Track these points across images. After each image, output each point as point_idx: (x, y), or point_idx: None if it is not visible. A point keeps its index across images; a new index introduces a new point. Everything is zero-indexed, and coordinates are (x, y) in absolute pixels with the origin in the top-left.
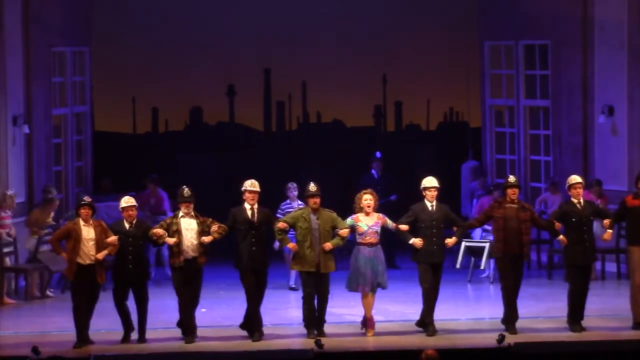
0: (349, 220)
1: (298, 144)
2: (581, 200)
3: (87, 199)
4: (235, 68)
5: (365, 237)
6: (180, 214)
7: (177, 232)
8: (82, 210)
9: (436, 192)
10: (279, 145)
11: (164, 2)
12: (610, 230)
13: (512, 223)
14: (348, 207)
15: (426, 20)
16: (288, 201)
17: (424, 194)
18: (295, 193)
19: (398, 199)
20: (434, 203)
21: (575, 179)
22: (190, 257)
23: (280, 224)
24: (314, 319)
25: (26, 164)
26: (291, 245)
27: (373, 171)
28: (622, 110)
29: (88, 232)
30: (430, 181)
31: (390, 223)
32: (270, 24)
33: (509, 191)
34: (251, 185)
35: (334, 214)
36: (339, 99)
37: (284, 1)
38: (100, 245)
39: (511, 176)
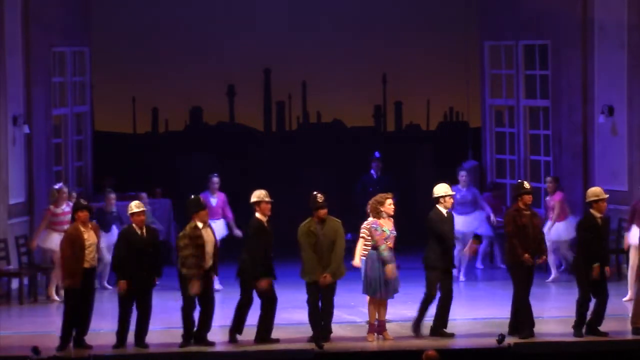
0: (377, 227)
1: (298, 144)
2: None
3: (83, 201)
4: (235, 68)
5: (388, 241)
6: (200, 224)
7: (202, 246)
8: (81, 214)
9: (452, 200)
10: (279, 145)
11: (164, 2)
12: None
13: (529, 231)
14: (347, 207)
15: (426, 20)
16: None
17: (441, 200)
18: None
19: (396, 200)
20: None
21: (597, 194)
22: (206, 269)
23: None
24: (319, 322)
25: (26, 164)
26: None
27: (372, 171)
28: (622, 110)
29: (89, 236)
30: (446, 189)
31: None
32: (270, 24)
33: (526, 197)
34: (267, 195)
35: (338, 224)
36: (339, 99)
37: (284, 1)
38: (98, 247)
39: (525, 182)
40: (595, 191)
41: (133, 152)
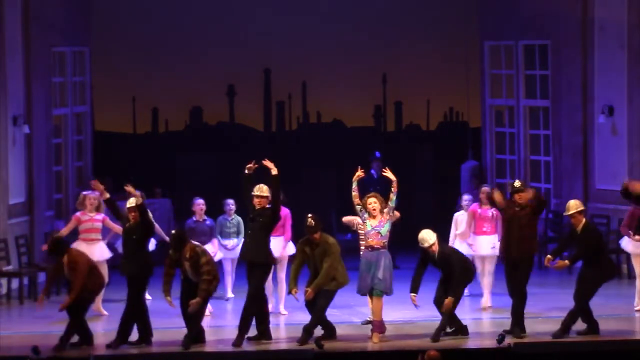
0: (363, 219)
1: (298, 144)
2: (579, 228)
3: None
4: (235, 68)
5: (367, 238)
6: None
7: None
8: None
9: (435, 247)
10: (279, 145)
11: (164, 2)
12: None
13: (514, 226)
14: (347, 207)
15: (426, 20)
16: None
17: (427, 251)
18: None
19: (397, 206)
20: (436, 254)
21: (574, 206)
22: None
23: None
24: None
25: (26, 164)
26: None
27: (372, 171)
28: (622, 110)
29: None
30: (426, 240)
31: (392, 208)
32: (270, 23)
33: (516, 197)
34: (258, 189)
35: (329, 245)
36: (339, 99)
37: (284, 1)
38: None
39: (517, 181)
40: (567, 205)
41: (133, 152)
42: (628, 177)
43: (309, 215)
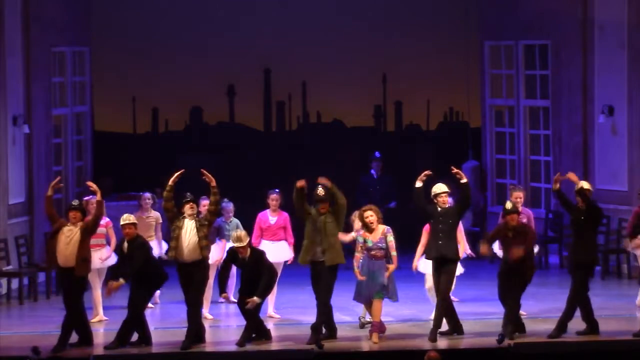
0: (359, 237)
1: (298, 144)
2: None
3: (75, 202)
4: (235, 68)
5: (371, 252)
6: (186, 216)
7: (177, 237)
8: (70, 214)
9: (447, 197)
10: (279, 146)
11: (164, 2)
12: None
13: (510, 249)
14: (347, 207)
15: (426, 20)
16: None
17: (436, 200)
18: None
19: (397, 206)
20: (443, 206)
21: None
22: (186, 262)
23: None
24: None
25: (26, 164)
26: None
27: (372, 171)
28: (622, 110)
29: (69, 234)
30: (440, 187)
31: (389, 239)
32: (270, 24)
33: (508, 218)
34: (236, 240)
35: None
36: (339, 99)
37: (284, 1)
38: (82, 245)
39: (508, 202)
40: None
41: (133, 152)
42: (628, 177)
43: (320, 185)
